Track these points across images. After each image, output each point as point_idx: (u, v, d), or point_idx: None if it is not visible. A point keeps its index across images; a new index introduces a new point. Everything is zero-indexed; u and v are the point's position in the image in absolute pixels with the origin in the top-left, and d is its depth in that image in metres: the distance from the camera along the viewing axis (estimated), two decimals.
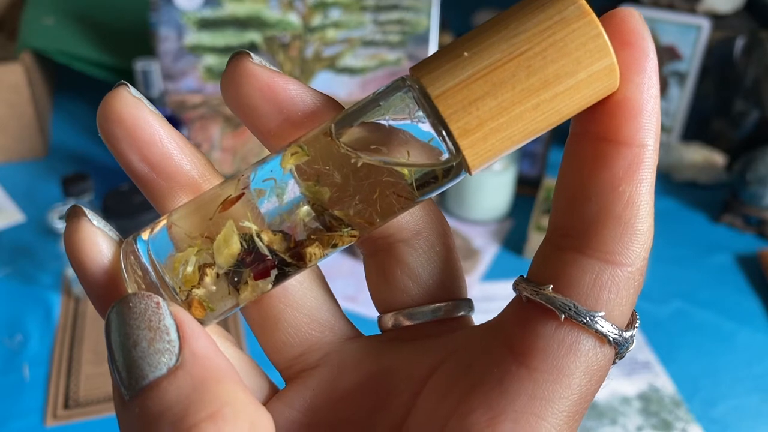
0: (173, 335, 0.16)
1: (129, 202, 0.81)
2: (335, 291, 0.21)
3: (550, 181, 0.95)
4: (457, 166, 0.17)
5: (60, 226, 0.78)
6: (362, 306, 0.76)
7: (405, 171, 0.17)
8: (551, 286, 0.16)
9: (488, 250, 0.88)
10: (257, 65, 0.18)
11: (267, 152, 0.19)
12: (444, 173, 0.17)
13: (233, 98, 0.19)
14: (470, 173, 0.17)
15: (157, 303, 0.16)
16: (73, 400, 0.66)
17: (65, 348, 0.72)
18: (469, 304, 0.20)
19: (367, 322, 0.53)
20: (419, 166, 0.17)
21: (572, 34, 0.15)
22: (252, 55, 0.18)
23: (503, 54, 0.15)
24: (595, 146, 0.16)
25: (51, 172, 0.98)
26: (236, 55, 0.18)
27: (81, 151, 1.05)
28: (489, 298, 0.81)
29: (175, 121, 0.89)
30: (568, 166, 0.17)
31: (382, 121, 0.17)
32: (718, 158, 1.02)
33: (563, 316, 0.16)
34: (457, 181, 0.17)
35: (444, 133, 0.16)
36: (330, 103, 0.19)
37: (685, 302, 0.81)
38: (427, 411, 0.18)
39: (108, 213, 0.79)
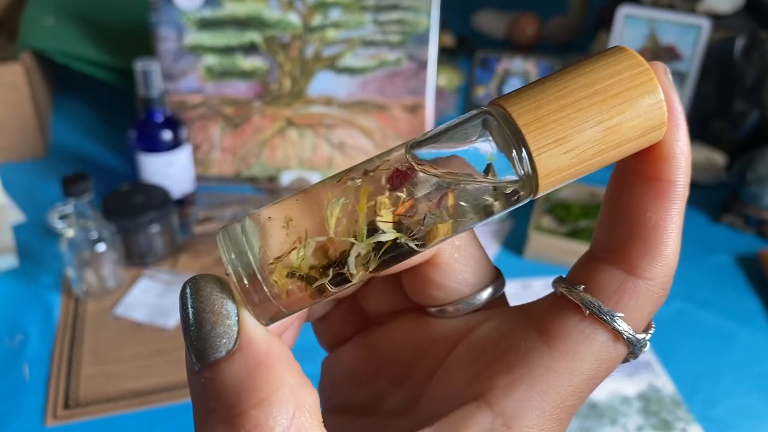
0: (233, 320, 0.17)
1: (129, 202, 0.81)
2: None
3: None
4: (525, 191, 0.18)
5: (60, 225, 0.78)
6: None
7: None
8: (583, 286, 0.19)
9: (488, 250, 0.88)
10: None
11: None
12: (513, 196, 0.19)
13: None
14: (535, 197, 0.19)
15: (221, 288, 0.18)
16: (73, 400, 0.66)
17: (65, 348, 0.72)
18: (502, 282, 0.23)
19: None
20: (493, 183, 0.18)
21: (640, 100, 0.18)
22: None
23: (589, 121, 0.18)
24: (632, 180, 0.19)
25: (51, 172, 0.98)
26: None
27: (81, 151, 1.06)
28: None
29: (175, 121, 0.89)
30: (609, 195, 0.20)
31: (456, 148, 0.18)
32: (718, 158, 1.02)
33: (588, 311, 0.19)
34: (517, 206, 0.19)
35: (523, 155, 0.18)
36: None
37: (685, 302, 0.81)
38: (458, 366, 0.21)
39: (108, 213, 0.79)
